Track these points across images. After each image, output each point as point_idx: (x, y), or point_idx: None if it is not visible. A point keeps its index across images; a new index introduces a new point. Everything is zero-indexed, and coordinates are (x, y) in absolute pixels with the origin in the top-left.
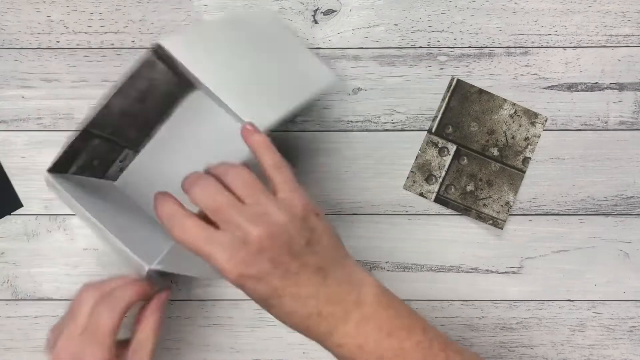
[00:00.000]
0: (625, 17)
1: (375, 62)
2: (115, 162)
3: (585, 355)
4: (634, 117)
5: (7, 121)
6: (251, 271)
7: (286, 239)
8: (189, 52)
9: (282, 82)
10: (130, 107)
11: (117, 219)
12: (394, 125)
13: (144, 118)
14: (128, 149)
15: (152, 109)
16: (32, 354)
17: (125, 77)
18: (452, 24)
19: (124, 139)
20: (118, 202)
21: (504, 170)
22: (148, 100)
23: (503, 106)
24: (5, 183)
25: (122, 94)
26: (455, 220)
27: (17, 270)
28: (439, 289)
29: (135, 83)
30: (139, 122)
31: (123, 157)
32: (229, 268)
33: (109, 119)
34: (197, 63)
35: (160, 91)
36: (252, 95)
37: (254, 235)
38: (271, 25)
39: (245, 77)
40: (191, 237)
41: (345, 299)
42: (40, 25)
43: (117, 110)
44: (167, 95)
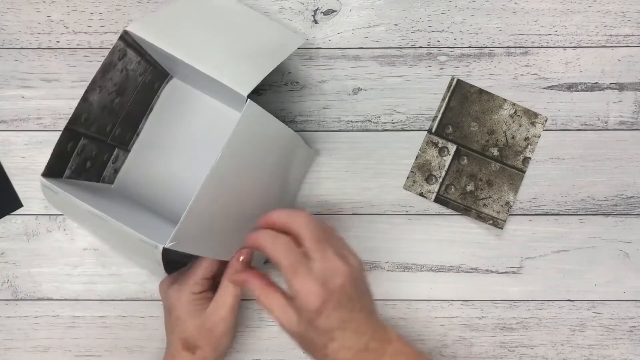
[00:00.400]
0: (625, 17)
1: (375, 62)
2: (108, 164)
3: (585, 355)
4: (634, 117)
5: (7, 121)
6: (331, 303)
7: (358, 281)
8: (157, 32)
9: (256, 50)
10: (110, 101)
11: (120, 213)
12: (394, 125)
13: (127, 113)
14: (118, 148)
15: (133, 103)
16: (32, 354)
17: (98, 70)
18: (452, 24)
19: (111, 137)
20: (118, 203)
21: (504, 170)
22: (127, 93)
23: (503, 106)
24: (5, 183)
25: (98, 88)
26: (455, 220)
27: (17, 270)
28: (439, 289)
29: (110, 75)
30: (123, 118)
31: (115, 158)
32: (320, 293)
33: (91, 116)
34: (166, 40)
35: (137, 83)
36: (230, 63)
37: (343, 270)
38: (231, 3)
39: (218, 48)
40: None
41: (382, 337)
42: (40, 25)
43: (97, 105)
44: (145, 87)
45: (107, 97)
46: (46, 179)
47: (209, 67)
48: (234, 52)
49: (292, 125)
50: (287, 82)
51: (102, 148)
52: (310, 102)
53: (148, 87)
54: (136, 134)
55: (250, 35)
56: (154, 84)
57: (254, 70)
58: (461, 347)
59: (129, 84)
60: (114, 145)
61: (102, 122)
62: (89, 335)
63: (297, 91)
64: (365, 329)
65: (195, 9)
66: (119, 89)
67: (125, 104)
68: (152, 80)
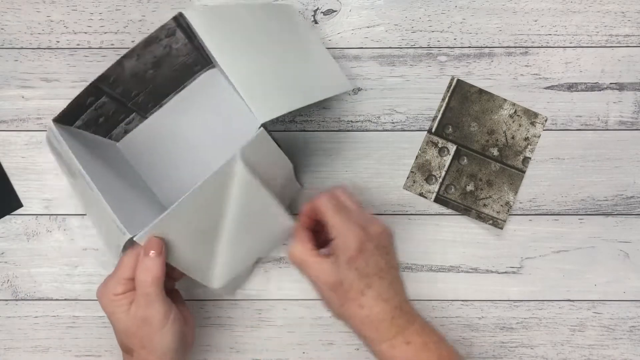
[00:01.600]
0: (625, 17)
1: (375, 62)
2: (121, 124)
3: (585, 355)
4: (634, 117)
5: (7, 121)
6: (370, 245)
7: (390, 238)
8: (209, 27)
9: (297, 79)
10: (144, 70)
11: (111, 183)
12: (394, 125)
13: (157, 85)
14: (136, 113)
15: (166, 77)
16: (32, 354)
17: (142, 40)
18: (452, 24)
19: (133, 102)
20: (116, 165)
21: (504, 170)
22: (163, 67)
23: (503, 106)
24: (5, 183)
25: (136, 56)
26: (455, 220)
27: (17, 270)
28: (439, 289)
29: (152, 47)
30: (151, 88)
31: (129, 120)
32: (360, 234)
33: (120, 78)
34: (215, 40)
35: (177, 61)
36: (263, 84)
37: (378, 222)
38: (294, 21)
39: (259, 65)
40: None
41: (410, 307)
42: (40, 25)
43: (130, 71)
44: (184, 67)
45: (142, 67)
46: (55, 125)
47: (239, 77)
48: (273, 73)
49: (292, 125)
50: None
51: (120, 109)
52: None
53: (187, 68)
54: (159, 106)
55: (300, 65)
56: (194, 66)
57: (282, 100)
58: (461, 347)
59: (168, 61)
60: (133, 110)
61: (129, 86)
62: (89, 335)
63: None
64: (399, 288)
65: (256, 15)
66: (156, 62)
67: (157, 77)
68: (193, 63)
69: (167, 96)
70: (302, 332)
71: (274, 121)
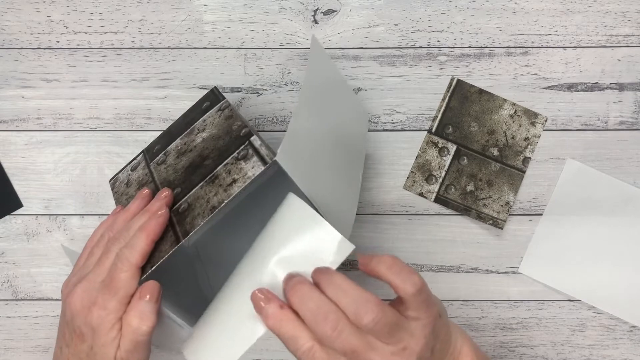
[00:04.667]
0: (625, 17)
1: (375, 62)
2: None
3: (585, 355)
4: (634, 117)
5: (7, 121)
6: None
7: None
8: (300, 172)
9: (347, 166)
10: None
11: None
12: (394, 125)
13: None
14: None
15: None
16: (32, 354)
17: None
18: (452, 24)
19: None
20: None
21: (504, 170)
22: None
23: (503, 106)
24: (5, 183)
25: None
26: (455, 220)
27: (17, 270)
28: (439, 289)
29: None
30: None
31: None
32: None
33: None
34: (301, 176)
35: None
36: (335, 202)
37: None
38: (325, 70)
39: (329, 182)
40: None
41: None
42: (40, 25)
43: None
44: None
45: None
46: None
47: (324, 207)
48: (341, 191)
49: None
50: (287, 82)
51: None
52: None
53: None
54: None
55: (343, 138)
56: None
57: (350, 214)
58: None
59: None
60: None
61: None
62: None
63: (297, 91)
64: None
65: (314, 109)
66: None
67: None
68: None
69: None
70: None
71: (273, 122)
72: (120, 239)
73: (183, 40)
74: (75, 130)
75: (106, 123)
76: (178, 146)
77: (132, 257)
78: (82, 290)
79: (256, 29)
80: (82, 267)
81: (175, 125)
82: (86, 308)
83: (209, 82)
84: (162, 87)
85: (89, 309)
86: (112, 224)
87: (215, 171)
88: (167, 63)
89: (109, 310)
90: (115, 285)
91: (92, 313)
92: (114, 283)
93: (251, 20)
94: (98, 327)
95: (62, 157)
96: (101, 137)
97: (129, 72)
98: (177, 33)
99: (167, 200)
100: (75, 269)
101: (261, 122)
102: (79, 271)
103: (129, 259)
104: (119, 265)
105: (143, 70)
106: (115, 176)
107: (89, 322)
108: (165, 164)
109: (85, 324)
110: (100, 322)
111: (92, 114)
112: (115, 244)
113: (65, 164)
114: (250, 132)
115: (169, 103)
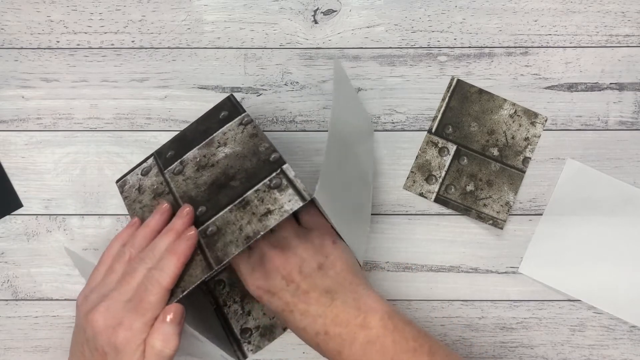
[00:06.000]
0: (625, 17)
1: (375, 62)
2: None
3: (585, 355)
4: (634, 117)
5: (7, 121)
6: (266, 285)
7: (298, 260)
8: (328, 198)
9: (363, 187)
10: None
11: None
12: (394, 125)
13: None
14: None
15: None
16: (32, 354)
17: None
18: (452, 24)
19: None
20: None
21: (504, 170)
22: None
23: (503, 106)
24: (5, 183)
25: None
26: (455, 220)
27: (17, 270)
28: (439, 289)
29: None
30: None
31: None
32: (250, 281)
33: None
34: (332, 210)
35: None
36: (355, 226)
37: (270, 255)
38: (348, 97)
39: (350, 209)
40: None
41: (351, 322)
42: (40, 25)
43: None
44: None
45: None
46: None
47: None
48: (354, 208)
49: (292, 125)
50: (287, 82)
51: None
52: (311, 102)
53: None
54: None
55: (360, 154)
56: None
57: (363, 231)
58: (461, 347)
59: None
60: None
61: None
62: None
63: (297, 91)
64: (321, 310)
65: (337, 132)
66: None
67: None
68: None
69: None
70: None
71: (274, 122)
72: (147, 259)
73: (183, 40)
74: (75, 130)
75: (106, 123)
76: (196, 157)
77: (163, 280)
78: (106, 309)
79: (256, 29)
80: (101, 282)
81: (189, 131)
82: (110, 328)
83: (209, 82)
84: (162, 87)
85: (113, 328)
86: (132, 240)
87: (246, 196)
88: (167, 63)
89: (134, 331)
90: (144, 307)
91: (117, 333)
92: (142, 305)
93: (251, 20)
94: (123, 348)
95: (62, 157)
96: (101, 137)
97: (129, 72)
98: (177, 33)
99: (190, 218)
100: (92, 283)
101: (261, 122)
102: (98, 287)
103: (160, 282)
104: (149, 287)
105: (143, 70)
106: (124, 178)
107: (113, 342)
108: (183, 175)
109: (109, 343)
110: (126, 343)
111: (92, 114)
112: (141, 264)
113: (65, 164)
114: (281, 158)
115: (169, 103)
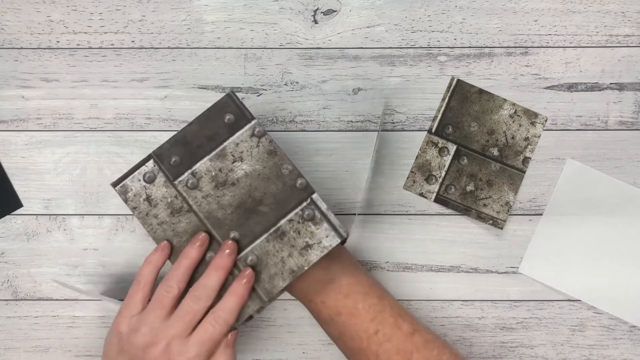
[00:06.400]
0: (625, 17)
1: (375, 62)
2: None
3: (585, 355)
4: (634, 117)
5: (7, 121)
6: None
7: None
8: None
9: None
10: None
11: None
12: (394, 125)
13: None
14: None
15: None
16: (32, 354)
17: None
18: (452, 24)
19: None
20: None
21: (504, 170)
22: None
23: (503, 106)
24: (5, 183)
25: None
26: (455, 220)
27: (17, 270)
28: (439, 289)
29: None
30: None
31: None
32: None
33: None
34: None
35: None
36: None
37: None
38: None
39: None
40: None
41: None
42: (40, 25)
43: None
44: None
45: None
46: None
47: None
48: None
49: (292, 125)
50: (287, 82)
51: None
52: (310, 102)
53: None
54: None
55: None
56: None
57: None
58: (461, 347)
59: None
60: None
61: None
62: (89, 335)
63: (297, 91)
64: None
65: None
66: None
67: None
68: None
69: None
70: (302, 332)
71: (274, 122)
72: (202, 298)
73: (183, 40)
74: (75, 130)
75: (106, 123)
76: (211, 171)
77: (229, 319)
78: (167, 345)
79: (256, 29)
80: (149, 314)
81: (190, 133)
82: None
83: (209, 82)
84: (162, 87)
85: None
86: (176, 272)
87: (280, 226)
88: (167, 63)
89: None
90: (209, 342)
91: None
92: (211, 343)
93: (251, 20)
94: None
95: (62, 157)
96: (101, 137)
97: (129, 72)
98: (177, 33)
99: (235, 256)
100: (133, 309)
101: (261, 122)
102: (146, 319)
103: (227, 321)
104: (217, 327)
105: (143, 70)
106: (122, 183)
107: None
108: (201, 192)
109: None
110: None
111: (92, 114)
112: (198, 303)
113: (65, 164)
114: (309, 185)
115: (169, 103)
